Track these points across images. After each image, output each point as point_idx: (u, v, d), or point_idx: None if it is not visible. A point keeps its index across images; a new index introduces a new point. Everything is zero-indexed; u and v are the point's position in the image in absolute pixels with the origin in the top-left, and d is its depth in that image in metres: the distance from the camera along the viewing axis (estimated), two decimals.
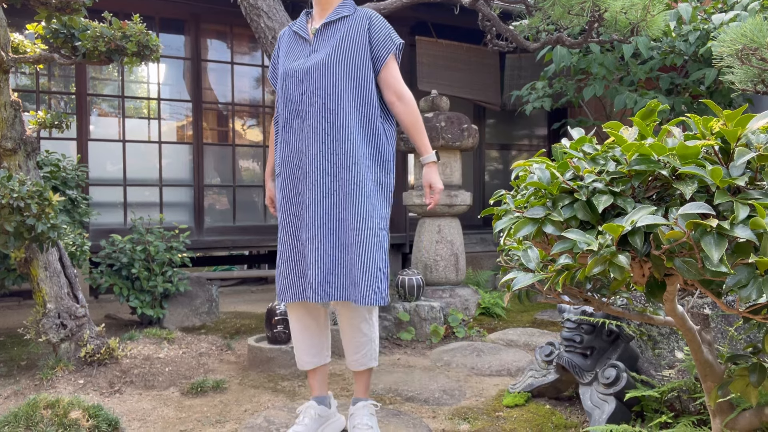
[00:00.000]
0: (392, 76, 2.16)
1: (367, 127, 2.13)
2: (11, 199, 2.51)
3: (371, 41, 2.14)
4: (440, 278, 4.38)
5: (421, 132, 2.19)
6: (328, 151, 2.09)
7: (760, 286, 1.06)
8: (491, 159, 7.56)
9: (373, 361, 2.24)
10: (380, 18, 2.19)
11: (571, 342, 2.43)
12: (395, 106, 2.16)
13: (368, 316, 2.20)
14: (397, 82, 2.16)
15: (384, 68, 2.15)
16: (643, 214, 1.13)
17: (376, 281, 2.06)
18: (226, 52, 5.87)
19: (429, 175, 2.22)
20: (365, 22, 2.15)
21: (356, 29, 2.14)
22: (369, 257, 2.06)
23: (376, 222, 2.09)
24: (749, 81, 2.67)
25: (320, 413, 2.22)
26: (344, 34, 2.14)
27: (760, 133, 1.21)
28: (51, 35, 3.00)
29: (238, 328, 4.05)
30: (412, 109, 2.17)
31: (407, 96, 2.17)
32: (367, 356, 2.22)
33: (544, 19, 3.88)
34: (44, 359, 2.92)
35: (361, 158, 2.09)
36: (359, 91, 2.12)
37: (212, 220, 5.75)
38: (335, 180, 2.09)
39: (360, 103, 2.12)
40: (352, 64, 2.11)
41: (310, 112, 2.11)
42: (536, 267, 1.38)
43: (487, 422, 2.42)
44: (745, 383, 1.55)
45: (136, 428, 2.37)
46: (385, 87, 2.17)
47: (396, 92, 2.16)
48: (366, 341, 2.20)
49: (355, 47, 2.12)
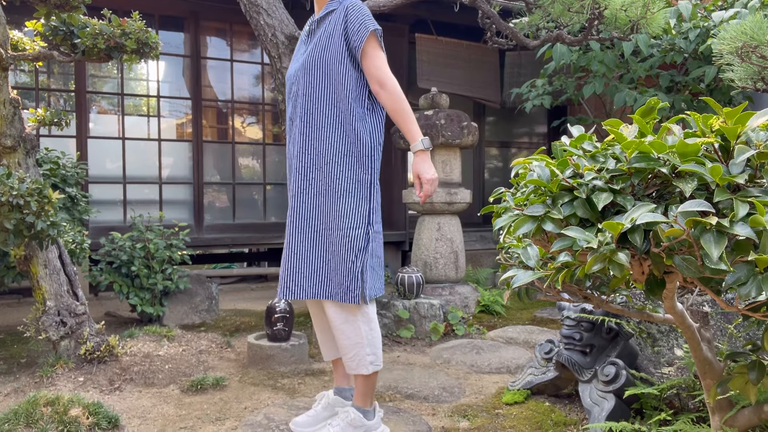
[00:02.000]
0: (372, 65, 2.06)
1: (344, 124, 2.08)
2: (11, 197, 2.51)
3: (347, 31, 2.07)
4: (440, 276, 4.38)
5: (406, 119, 2.06)
6: (304, 151, 2.11)
7: (759, 283, 1.06)
8: (491, 157, 7.55)
9: (363, 368, 2.09)
10: (356, 6, 2.08)
11: (570, 339, 2.43)
12: (379, 95, 2.08)
13: (349, 316, 2.08)
14: (377, 70, 2.06)
15: (363, 58, 2.06)
16: (642, 212, 1.13)
17: (346, 280, 2.03)
18: (226, 50, 5.86)
19: (418, 165, 2.06)
20: (342, 15, 2.09)
21: (334, 24, 2.10)
22: (338, 256, 2.04)
23: (349, 222, 2.06)
24: (749, 78, 2.67)
25: (332, 403, 2.24)
26: (323, 31, 2.12)
27: (759, 131, 1.21)
28: (50, 32, 3.00)
29: (238, 326, 4.05)
30: (395, 97, 2.05)
31: (389, 83, 2.06)
32: (355, 360, 2.09)
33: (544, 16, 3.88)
34: (44, 357, 2.92)
35: (336, 157, 2.07)
36: (333, 89, 2.08)
37: (212, 217, 5.74)
38: (307, 180, 2.10)
39: (334, 100, 2.08)
40: (325, 62, 2.08)
41: (296, 114, 2.15)
42: (536, 265, 1.38)
43: (486, 419, 2.42)
44: (744, 380, 1.55)
45: (136, 426, 2.37)
46: (369, 77, 2.08)
47: (378, 81, 2.06)
48: (351, 345, 2.08)
49: (330, 43, 2.09)
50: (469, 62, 6.61)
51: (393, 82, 2.07)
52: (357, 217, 2.07)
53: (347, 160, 2.08)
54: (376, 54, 2.07)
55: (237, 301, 5.08)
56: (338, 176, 2.07)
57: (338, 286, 2.04)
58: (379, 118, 2.16)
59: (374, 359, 2.10)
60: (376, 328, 2.14)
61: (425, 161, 2.06)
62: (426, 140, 2.07)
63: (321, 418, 2.21)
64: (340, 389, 2.28)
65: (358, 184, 2.08)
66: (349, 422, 2.09)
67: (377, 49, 2.08)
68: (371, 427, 2.13)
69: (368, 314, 2.11)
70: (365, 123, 2.11)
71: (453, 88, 6.33)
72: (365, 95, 2.12)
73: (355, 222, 2.07)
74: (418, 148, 2.06)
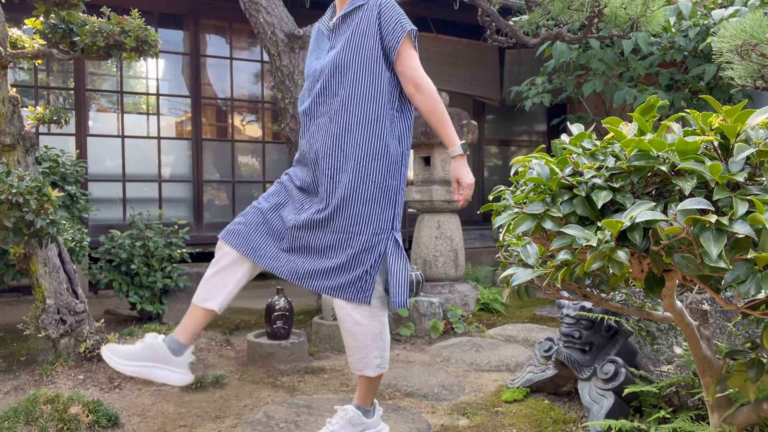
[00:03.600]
0: (408, 66, 2.02)
1: (375, 127, 2.03)
2: (10, 195, 2.51)
3: (381, 31, 2.02)
4: (439, 274, 4.38)
5: (444, 123, 2.04)
6: (330, 153, 2.04)
7: (758, 281, 1.06)
8: (490, 155, 7.56)
9: (370, 370, 2.06)
10: (390, 4, 2.04)
11: (570, 337, 2.43)
12: (414, 97, 2.04)
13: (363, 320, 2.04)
14: (413, 72, 2.02)
15: (398, 58, 2.02)
16: (642, 210, 1.13)
17: (359, 281, 2.00)
18: (225, 48, 5.85)
19: (457, 170, 2.06)
20: (375, 12, 2.03)
21: (366, 20, 2.04)
22: (358, 259, 2.01)
23: (374, 227, 2.02)
24: (749, 77, 2.67)
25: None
26: (355, 28, 2.05)
27: (759, 129, 1.21)
28: (49, 30, 3.00)
29: (238, 324, 4.06)
30: (431, 99, 2.02)
31: (425, 85, 2.02)
32: (361, 362, 2.07)
33: (543, 14, 3.88)
34: (44, 355, 2.92)
35: (365, 160, 2.02)
36: (366, 89, 2.02)
37: (211, 215, 5.74)
38: (333, 181, 2.04)
39: (366, 101, 2.02)
40: (359, 61, 2.02)
41: (319, 112, 2.08)
42: (535, 263, 1.38)
43: (486, 417, 2.42)
44: (744, 378, 1.55)
45: (135, 423, 2.37)
46: (402, 78, 2.04)
47: (413, 83, 2.02)
48: (358, 347, 2.05)
49: (363, 41, 2.02)
50: (469, 60, 6.61)
51: (429, 84, 2.04)
52: (382, 223, 2.04)
53: (376, 164, 2.03)
54: (411, 54, 2.04)
55: (236, 299, 5.07)
56: (367, 180, 2.02)
57: (352, 286, 2.01)
58: (409, 121, 2.13)
59: (381, 362, 2.08)
60: (387, 331, 2.11)
61: (464, 165, 2.07)
62: (464, 144, 2.07)
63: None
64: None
65: (387, 189, 2.05)
66: (348, 420, 2.08)
67: (412, 50, 2.05)
68: (370, 425, 2.11)
69: (380, 318, 2.08)
70: (395, 126, 2.07)
71: (453, 86, 6.32)
72: (396, 96, 2.08)
73: (380, 227, 2.04)
74: (458, 153, 2.06)
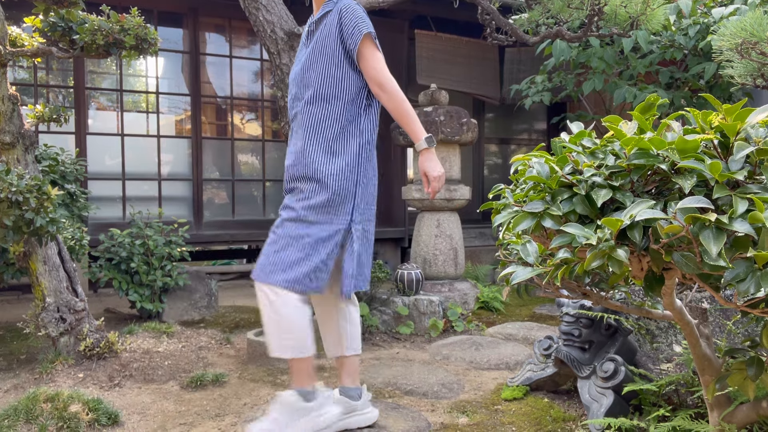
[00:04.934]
0: (370, 67, 2.08)
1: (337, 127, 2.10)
2: (10, 193, 2.51)
3: (343, 35, 2.08)
4: (439, 272, 4.38)
5: (409, 119, 2.08)
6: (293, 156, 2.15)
7: (758, 280, 1.06)
8: (490, 153, 7.55)
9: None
10: (350, 8, 2.09)
11: (569, 336, 2.44)
12: (380, 97, 2.10)
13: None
14: (376, 73, 2.07)
15: (361, 60, 2.09)
16: (642, 208, 1.13)
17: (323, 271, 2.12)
18: (225, 46, 5.85)
19: (423, 163, 2.10)
20: (336, 17, 2.09)
21: (330, 26, 2.11)
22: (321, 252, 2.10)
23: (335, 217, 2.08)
24: (749, 75, 2.66)
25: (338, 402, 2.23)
26: (320, 32, 2.14)
27: (759, 128, 1.21)
28: (49, 28, 2.99)
29: (238, 322, 4.06)
30: (395, 98, 2.06)
31: (388, 85, 2.07)
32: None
33: (543, 12, 3.87)
34: (44, 353, 2.92)
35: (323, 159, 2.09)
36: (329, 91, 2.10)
37: (211, 214, 5.74)
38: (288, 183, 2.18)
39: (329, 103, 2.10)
40: (322, 64, 2.11)
41: (295, 117, 2.20)
42: (535, 261, 1.38)
43: (485, 416, 2.42)
44: (743, 377, 1.55)
45: (135, 422, 2.37)
46: (368, 79, 2.10)
47: (377, 83, 2.08)
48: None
49: (326, 45, 2.11)
50: (469, 58, 6.61)
51: (392, 84, 2.08)
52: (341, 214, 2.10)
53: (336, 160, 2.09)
54: (373, 55, 2.09)
55: (236, 297, 5.08)
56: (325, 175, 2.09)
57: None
58: (374, 117, 2.19)
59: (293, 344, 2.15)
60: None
61: (431, 159, 2.09)
62: (430, 138, 2.09)
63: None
64: (346, 389, 2.26)
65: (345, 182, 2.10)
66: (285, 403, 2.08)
67: (374, 51, 2.09)
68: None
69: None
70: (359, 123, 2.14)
71: (452, 85, 6.32)
72: (364, 95, 2.15)
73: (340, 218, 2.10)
74: (423, 147, 2.09)
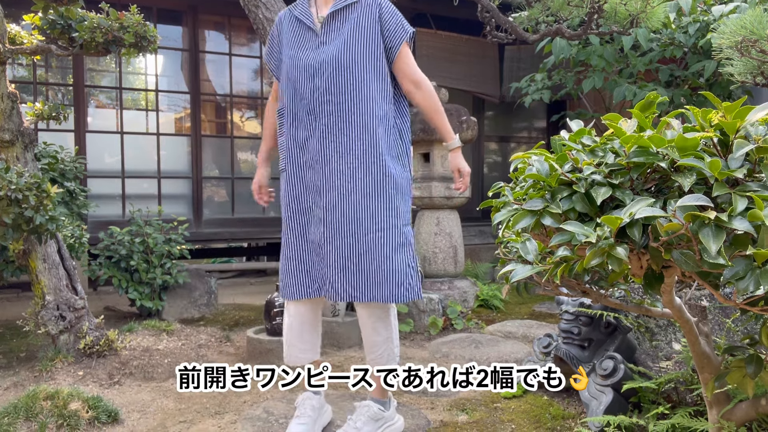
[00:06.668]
0: (407, 64, 2.11)
1: (386, 123, 2.07)
2: (9, 191, 2.50)
3: (383, 31, 2.08)
4: (439, 270, 4.38)
5: (443, 117, 2.15)
6: (345, 151, 2.03)
7: (757, 277, 1.06)
8: (490, 151, 7.55)
9: (393, 362, 2.16)
10: (390, 5, 2.12)
11: (569, 334, 2.44)
12: (414, 95, 2.12)
13: (384, 315, 2.13)
14: (413, 70, 2.11)
15: (398, 57, 2.09)
16: (641, 206, 1.13)
17: (404, 277, 2.04)
18: (224, 44, 5.84)
19: (456, 160, 2.20)
20: (375, 11, 2.08)
21: (366, 19, 2.07)
22: (390, 255, 2.02)
23: (398, 220, 2.06)
24: (748, 73, 2.66)
25: (316, 404, 2.21)
26: (354, 25, 2.06)
27: (758, 125, 1.21)
28: (48, 26, 2.99)
29: (237, 320, 4.06)
30: (431, 95, 2.12)
31: (424, 82, 2.12)
32: (384, 356, 2.15)
33: (543, 10, 3.87)
34: (43, 351, 2.92)
35: (381, 156, 2.04)
36: (376, 86, 2.06)
37: (211, 212, 5.74)
38: (352, 180, 2.03)
39: (378, 98, 2.05)
40: (366, 58, 2.05)
41: (324, 111, 2.05)
42: (535, 259, 1.38)
43: (485, 413, 2.43)
44: (742, 374, 1.55)
45: (135, 419, 2.37)
46: (402, 76, 2.11)
47: (413, 80, 2.11)
48: (381, 341, 2.14)
49: (367, 39, 2.06)
50: (469, 56, 6.60)
51: (427, 82, 2.14)
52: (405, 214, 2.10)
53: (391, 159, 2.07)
54: (409, 54, 2.13)
55: (236, 295, 5.09)
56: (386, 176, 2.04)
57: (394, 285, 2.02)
58: (408, 118, 2.20)
59: (398, 351, 2.22)
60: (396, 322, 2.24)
61: (461, 156, 2.21)
62: (458, 137, 2.21)
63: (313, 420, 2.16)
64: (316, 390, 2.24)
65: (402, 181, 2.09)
66: (370, 416, 2.12)
67: (409, 50, 2.14)
68: (388, 418, 2.18)
69: (395, 309, 2.21)
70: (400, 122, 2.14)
71: (452, 83, 6.32)
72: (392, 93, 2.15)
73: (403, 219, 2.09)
74: (456, 145, 2.20)
